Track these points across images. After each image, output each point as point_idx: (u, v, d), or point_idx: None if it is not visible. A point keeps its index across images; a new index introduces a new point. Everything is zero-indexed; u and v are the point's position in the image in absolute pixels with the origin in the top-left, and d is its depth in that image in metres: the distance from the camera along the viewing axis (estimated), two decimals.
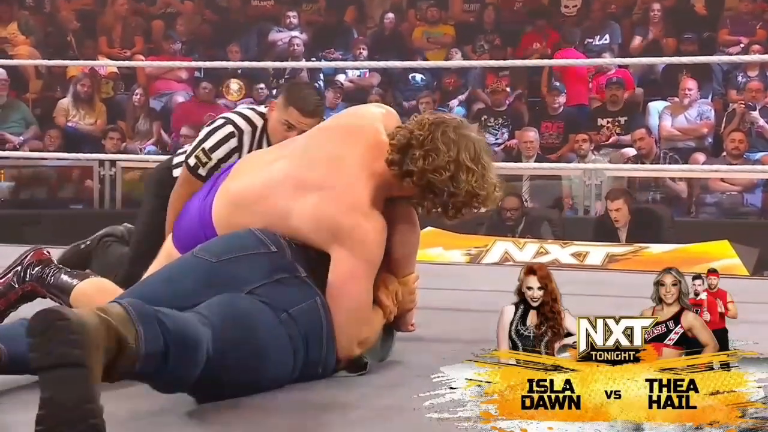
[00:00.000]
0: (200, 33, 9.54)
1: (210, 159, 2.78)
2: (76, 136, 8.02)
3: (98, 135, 8.21)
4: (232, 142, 2.80)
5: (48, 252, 2.50)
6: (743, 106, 7.19)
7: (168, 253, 2.29)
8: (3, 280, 2.45)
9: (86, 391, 1.55)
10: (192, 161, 2.79)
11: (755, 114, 7.14)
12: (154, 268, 2.27)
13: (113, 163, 7.21)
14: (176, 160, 2.99)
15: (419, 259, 2.33)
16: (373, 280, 2.09)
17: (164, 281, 2.01)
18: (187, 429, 1.76)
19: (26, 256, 2.46)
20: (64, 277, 2.40)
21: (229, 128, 2.81)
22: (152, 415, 1.82)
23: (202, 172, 2.77)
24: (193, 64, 7.86)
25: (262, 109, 2.93)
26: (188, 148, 3.01)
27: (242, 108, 2.98)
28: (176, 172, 2.91)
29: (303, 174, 2.10)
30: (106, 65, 8.69)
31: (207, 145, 2.79)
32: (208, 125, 2.87)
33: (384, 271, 2.15)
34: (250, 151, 2.84)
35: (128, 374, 1.69)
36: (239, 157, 2.80)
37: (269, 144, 2.89)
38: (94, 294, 2.30)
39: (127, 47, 9.28)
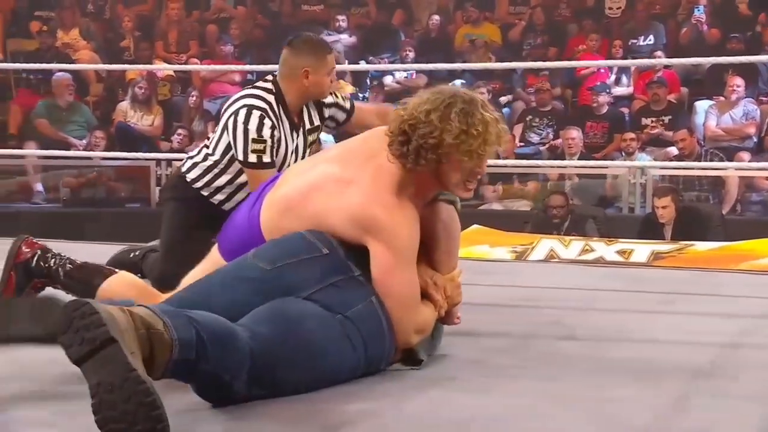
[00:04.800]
0: (252, 37, 9.76)
1: (265, 141, 2.84)
2: (134, 137, 8.28)
3: (155, 135, 8.49)
4: (267, 122, 2.86)
5: (36, 240, 2.46)
6: None
7: (213, 262, 2.29)
8: (7, 284, 2.41)
9: (125, 362, 1.55)
10: (253, 158, 2.85)
11: None
12: (198, 273, 2.27)
13: (169, 163, 7.44)
14: (186, 165, 3.04)
15: (466, 256, 2.41)
16: (414, 267, 2.10)
17: (223, 286, 2.01)
18: (200, 416, 1.76)
19: (18, 252, 2.43)
20: (79, 273, 2.35)
21: (257, 112, 2.85)
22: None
23: (267, 159, 2.86)
24: (247, 67, 8.07)
25: (264, 84, 2.95)
26: (196, 151, 3.07)
27: (246, 92, 2.97)
28: (190, 176, 3.01)
29: (340, 172, 2.15)
30: (163, 69, 8.94)
31: (252, 135, 2.83)
32: (234, 124, 2.85)
33: (430, 267, 2.24)
34: (276, 128, 2.89)
35: (170, 368, 1.67)
36: (278, 133, 2.89)
37: (287, 115, 2.95)
38: (126, 292, 2.26)
39: (182, 51, 9.55)
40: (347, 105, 3.16)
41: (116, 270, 2.44)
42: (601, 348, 2.51)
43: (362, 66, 8.54)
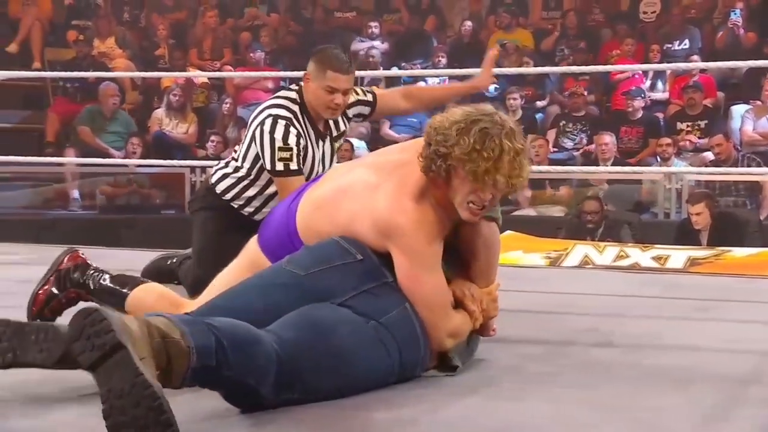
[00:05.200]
0: (285, 43, 9.82)
1: (291, 149, 2.86)
2: (169, 145, 8.34)
3: (190, 143, 8.56)
4: (293, 130, 2.88)
5: (83, 255, 2.50)
6: None
7: (251, 259, 2.32)
8: (44, 288, 2.45)
9: (133, 368, 1.55)
10: (280, 166, 2.88)
11: None
12: (237, 271, 2.30)
13: (203, 169, 7.50)
14: (216, 177, 3.06)
15: (500, 262, 2.42)
16: (440, 271, 2.11)
17: (258, 292, 2.03)
18: (228, 422, 1.77)
19: (62, 261, 2.47)
20: (111, 284, 2.38)
21: (282, 121, 2.87)
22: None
23: (293, 166, 2.88)
24: (280, 74, 8.09)
25: (288, 94, 2.97)
26: (224, 163, 3.08)
27: (271, 102, 2.98)
28: (219, 188, 3.04)
29: (373, 178, 2.17)
30: (197, 75, 9.01)
31: (278, 143, 2.86)
32: (260, 133, 2.89)
33: (468, 280, 2.25)
34: (302, 136, 2.92)
35: (190, 376, 1.67)
36: (304, 141, 2.90)
37: (312, 124, 2.97)
38: (154, 301, 2.29)
39: (216, 58, 9.63)
40: (369, 97, 3.16)
41: (148, 280, 2.47)
42: (638, 355, 2.49)
43: (395, 72, 8.55)
